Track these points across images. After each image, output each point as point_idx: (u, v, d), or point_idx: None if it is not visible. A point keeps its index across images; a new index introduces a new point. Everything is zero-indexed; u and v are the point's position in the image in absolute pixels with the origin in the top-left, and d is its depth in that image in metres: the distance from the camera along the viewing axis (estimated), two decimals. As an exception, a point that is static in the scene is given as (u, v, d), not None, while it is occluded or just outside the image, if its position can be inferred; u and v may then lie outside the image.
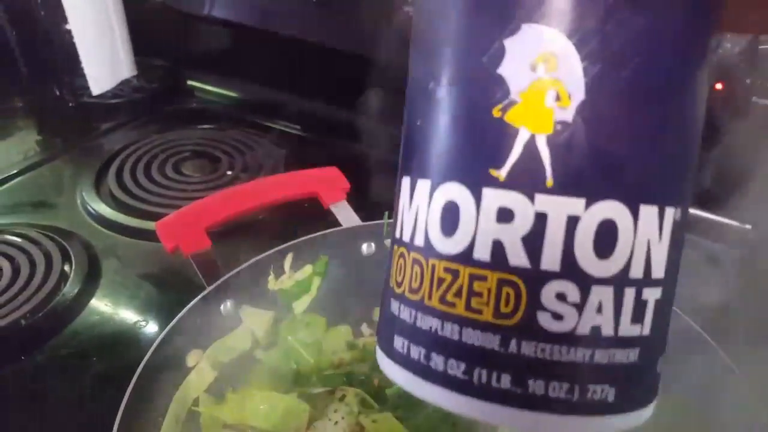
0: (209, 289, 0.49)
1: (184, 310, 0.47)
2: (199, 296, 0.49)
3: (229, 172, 0.86)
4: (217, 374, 0.48)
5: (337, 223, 0.57)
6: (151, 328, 0.60)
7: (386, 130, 0.90)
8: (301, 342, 0.53)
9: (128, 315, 0.62)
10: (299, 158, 0.88)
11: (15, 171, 0.86)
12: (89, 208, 0.77)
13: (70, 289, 0.63)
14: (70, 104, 0.99)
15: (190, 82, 1.09)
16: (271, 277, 0.53)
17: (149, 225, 0.73)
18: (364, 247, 0.57)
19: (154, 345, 0.45)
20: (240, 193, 0.56)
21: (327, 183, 0.59)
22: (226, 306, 0.51)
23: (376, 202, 0.60)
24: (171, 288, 0.64)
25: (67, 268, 0.66)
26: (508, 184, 0.19)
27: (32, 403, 0.53)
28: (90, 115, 1.00)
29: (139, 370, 0.43)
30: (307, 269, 0.55)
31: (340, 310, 0.55)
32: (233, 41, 1.04)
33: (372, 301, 0.57)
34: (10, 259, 0.66)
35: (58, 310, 0.61)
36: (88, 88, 0.93)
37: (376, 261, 0.57)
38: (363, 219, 0.58)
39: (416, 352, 0.20)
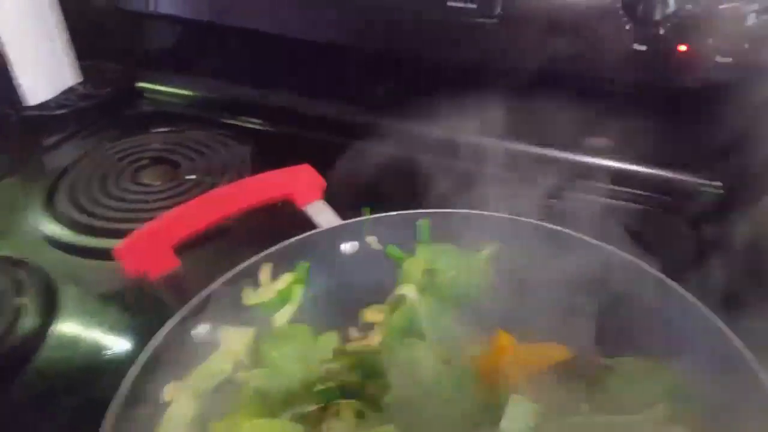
0: (181, 313, 0.45)
1: (155, 339, 0.43)
2: (170, 322, 0.44)
3: (192, 176, 0.80)
4: (199, 405, 0.44)
5: (313, 225, 0.53)
6: (120, 357, 0.55)
7: (358, 116, 0.86)
8: (286, 357, 0.48)
9: (94, 345, 0.57)
10: (266, 155, 0.83)
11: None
12: (41, 231, 0.71)
13: (27, 323, 0.58)
14: (12, 119, 0.92)
15: (140, 84, 1.02)
16: (245, 291, 0.49)
17: (109, 243, 0.68)
18: (347, 246, 0.53)
19: (125, 383, 0.40)
20: (206, 203, 0.52)
21: (300, 183, 0.54)
22: (202, 329, 0.46)
23: (354, 198, 0.56)
24: (139, 311, 0.59)
25: (22, 301, 0.61)
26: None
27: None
28: (35, 129, 0.93)
29: (110, 411, 0.38)
30: (287, 278, 0.51)
31: (325, 317, 0.51)
32: (183, 37, 0.98)
33: (358, 303, 0.54)
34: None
35: (16, 349, 0.56)
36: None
37: (359, 260, 0.53)
38: (342, 217, 0.53)
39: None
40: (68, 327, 0.59)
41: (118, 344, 0.56)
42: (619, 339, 0.45)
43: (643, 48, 0.60)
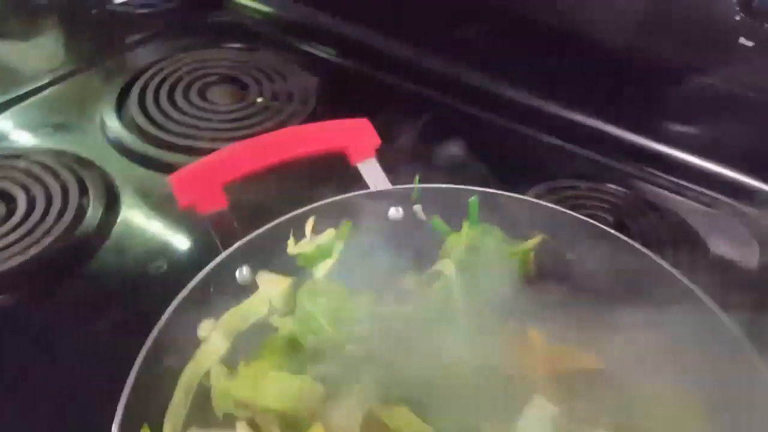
0: (225, 254, 0.46)
1: (197, 277, 0.45)
2: (214, 262, 0.46)
3: (259, 100, 0.81)
4: (231, 344, 0.46)
5: (363, 183, 0.53)
6: (170, 275, 0.58)
7: (438, 71, 0.82)
8: (320, 309, 0.50)
9: (147, 258, 0.60)
10: (332, 88, 0.82)
11: (39, 84, 0.82)
12: (109, 134, 0.74)
13: (88, 225, 0.61)
14: (95, 13, 0.93)
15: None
16: (290, 241, 0.50)
17: (172, 158, 0.70)
18: (392, 211, 0.52)
19: (166, 313, 0.42)
20: (260, 146, 0.52)
21: (356, 138, 0.53)
22: (242, 272, 0.48)
23: (407, 162, 0.55)
24: (191, 231, 0.61)
25: (84, 201, 0.64)
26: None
27: (44, 347, 0.52)
28: (117, 27, 0.94)
29: (148, 342, 0.41)
30: (329, 233, 0.51)
31: (361, 278, 0.52)
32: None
33: (395, 269, 0.54)
34: (26, 190, 0.63)
35: (74, 249, 0.59)
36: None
37: (404, 227, 0.53)
38: (392, 180, 0.53)
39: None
40: (126, 234, 0.62)
41: (170, 262, 0.59)
42: (657, 360, 0.44)
43: (750, 44, 0.55)
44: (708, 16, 0.57)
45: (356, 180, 0.53)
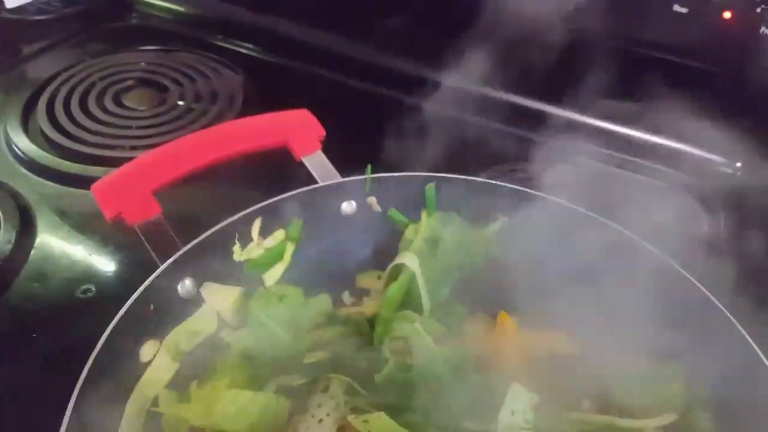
0: (163, 266, 0.41)
1: (134, 295, 0.40)
2: (151, 277, 0.41)
3: (181, 102, 0.75)
4: (179, 366, 0.41)
5: (311, 178, 0.49)
6: (100, 297, 0.52)
7: (367, 55, 0.79)
8: (275, 318, 0.45)
9: (72, 281, 0.54)
10: (260, 86, 0.78)
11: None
12: (16, 149, 0.66)
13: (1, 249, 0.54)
14: (-13, 21, 0.85)
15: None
16: (236, 247, 0.46)
17: (89, 171, 0.64)
18: (345, 205, 0.49)
19: (102, 339, 0.37)
20: (192, 145, 0.47)
21: (298, 130, 0.50)
22: (185, 285, 0.43)
23: (355, 152, 0.52)
24: (120, 247, 0.56)
25: (-5, 227, 0.57)
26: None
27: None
28: (13, 36, 0.86)
29: (85, 371, 0.36)
30: (279, 234, 0.47)
31: (317, 279, 0.48)
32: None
33: (353, 267, 0.51)
34: None
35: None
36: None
37: (358, 221, 0.49)
38: (342, 172, 0.49)
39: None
40: (46, 260, 0.55)
41: (99, 284, 0.53)
42: (629, 332, 0.42)
43: (684, 11, 0.55)
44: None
45: (303, 175, 0.49)
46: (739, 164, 0.63)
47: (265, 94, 0.76)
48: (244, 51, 0.85)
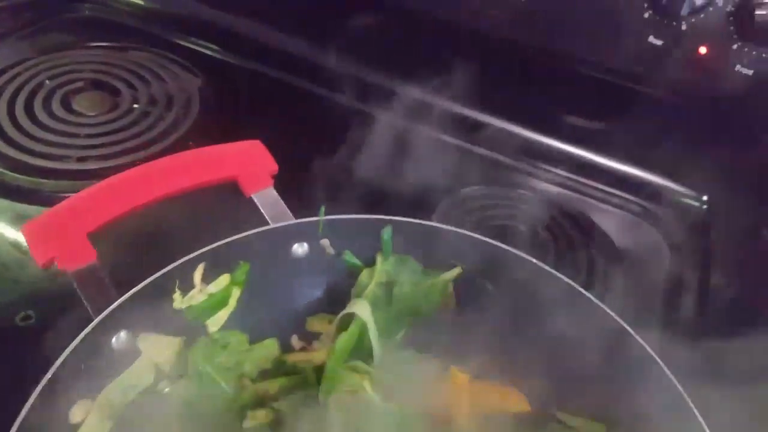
0: (96, 321, 0.39)
1: (63, 355, 0.37)
2: (82, 334, 0.38)
3: (135, 106, 0.71)
4: (112, 425, 0.39)
5: (261, 217, 0.46)
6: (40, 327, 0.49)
7: (332, 68, 0.76)
8: (216, 367, 0.44)
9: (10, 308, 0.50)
10: (217, 88, 0.74)
11: None
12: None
13: None
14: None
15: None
16: (177, 294, 0.43)
17: (30, 181, 0.60)
18: (296, 247, 0.47)
19: (27, 404, 0.35)
20: (130, 182, 0.44)
21: (248, 164, 0.47)
22: (120, 338, 0.40)
23: (310, 188, 0.49)
24: (53, 297, 0.52)
25: None
26: None
27: None
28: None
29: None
30: (223, 279, 0.45)
31: (265, 323, 0.46)
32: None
33: (303, 309, 0.48)
34: None
35: None
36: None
37: (310, 263, 0.47)
38: (294, 210, 0.47)
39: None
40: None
41: (26, 333, 0.49)
42: (579, 391, 0.41)
43: (659, 43, 0.53)
44: (617, 14, 0.55)
45: (254, 213, 0.46)
46: (705, 197, 0.62)
47: (223, 99, 0.73)
48: (207, 52, 0.81)
